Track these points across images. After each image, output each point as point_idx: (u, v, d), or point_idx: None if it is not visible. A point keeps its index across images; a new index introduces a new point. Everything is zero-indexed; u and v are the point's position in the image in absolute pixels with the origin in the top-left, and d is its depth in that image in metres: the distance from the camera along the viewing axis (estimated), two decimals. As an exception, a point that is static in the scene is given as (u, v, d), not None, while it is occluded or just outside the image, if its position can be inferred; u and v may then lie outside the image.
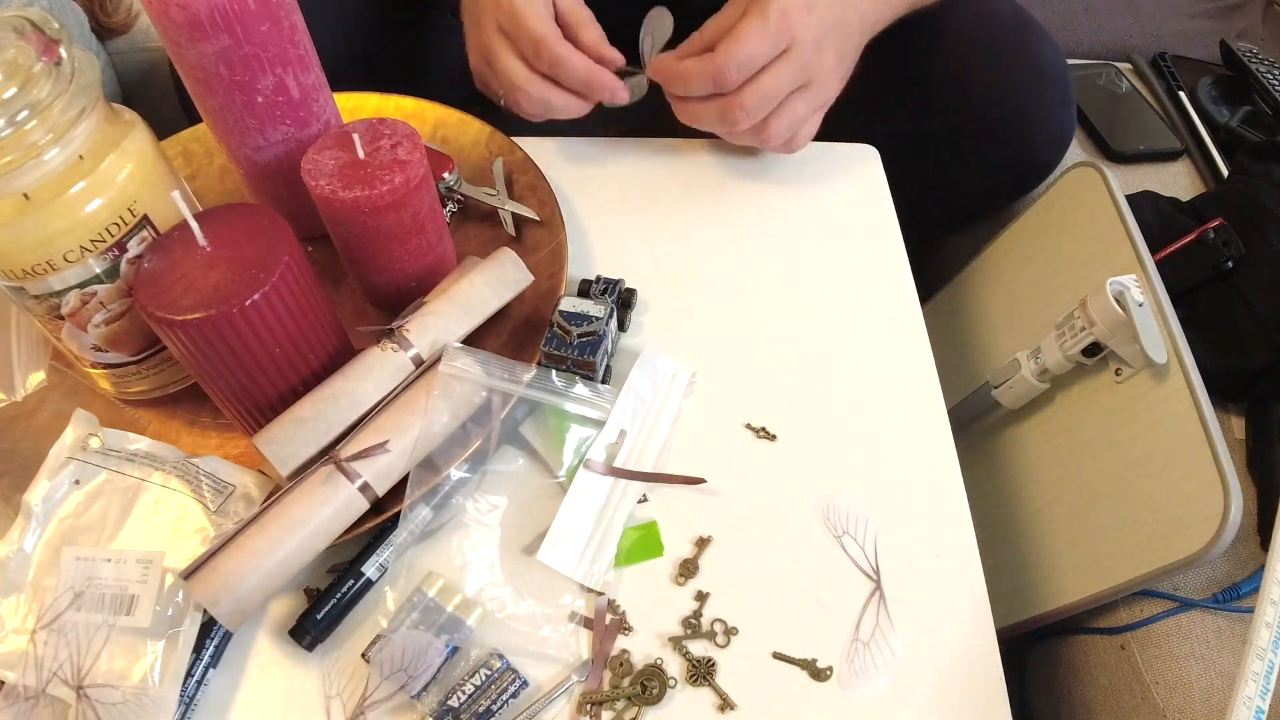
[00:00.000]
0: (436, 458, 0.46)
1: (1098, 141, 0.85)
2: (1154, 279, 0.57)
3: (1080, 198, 0.67)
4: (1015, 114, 0.69)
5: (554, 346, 0.50)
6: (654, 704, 0.43)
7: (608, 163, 0.67)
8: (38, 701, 0.40)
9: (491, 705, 0.42)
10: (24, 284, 0.43)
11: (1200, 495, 0.49)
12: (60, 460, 0.45)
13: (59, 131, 0.39)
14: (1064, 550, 0.59)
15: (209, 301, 0.40)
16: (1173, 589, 0.54)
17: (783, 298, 0.59)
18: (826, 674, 0.44)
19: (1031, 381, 0.63)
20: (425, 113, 0.66)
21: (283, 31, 0.47)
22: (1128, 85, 0.91)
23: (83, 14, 0.78)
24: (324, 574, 0.47)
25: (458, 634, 0.44)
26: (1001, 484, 0.67)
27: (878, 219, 0.64)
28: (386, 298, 0.54)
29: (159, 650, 0.41)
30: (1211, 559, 0.48)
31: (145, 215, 0.44)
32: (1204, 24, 0.99)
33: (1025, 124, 0.70)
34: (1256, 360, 0.58)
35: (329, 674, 0.44)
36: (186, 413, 0.52)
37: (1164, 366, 0.53)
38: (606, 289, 0.55)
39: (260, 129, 0.51)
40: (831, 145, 0.68)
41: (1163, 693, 0.52)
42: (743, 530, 0.49)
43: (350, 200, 0.47)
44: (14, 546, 0.43)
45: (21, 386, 0.52)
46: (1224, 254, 0.61)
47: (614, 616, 0.45)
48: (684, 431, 0.52)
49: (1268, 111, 0.84)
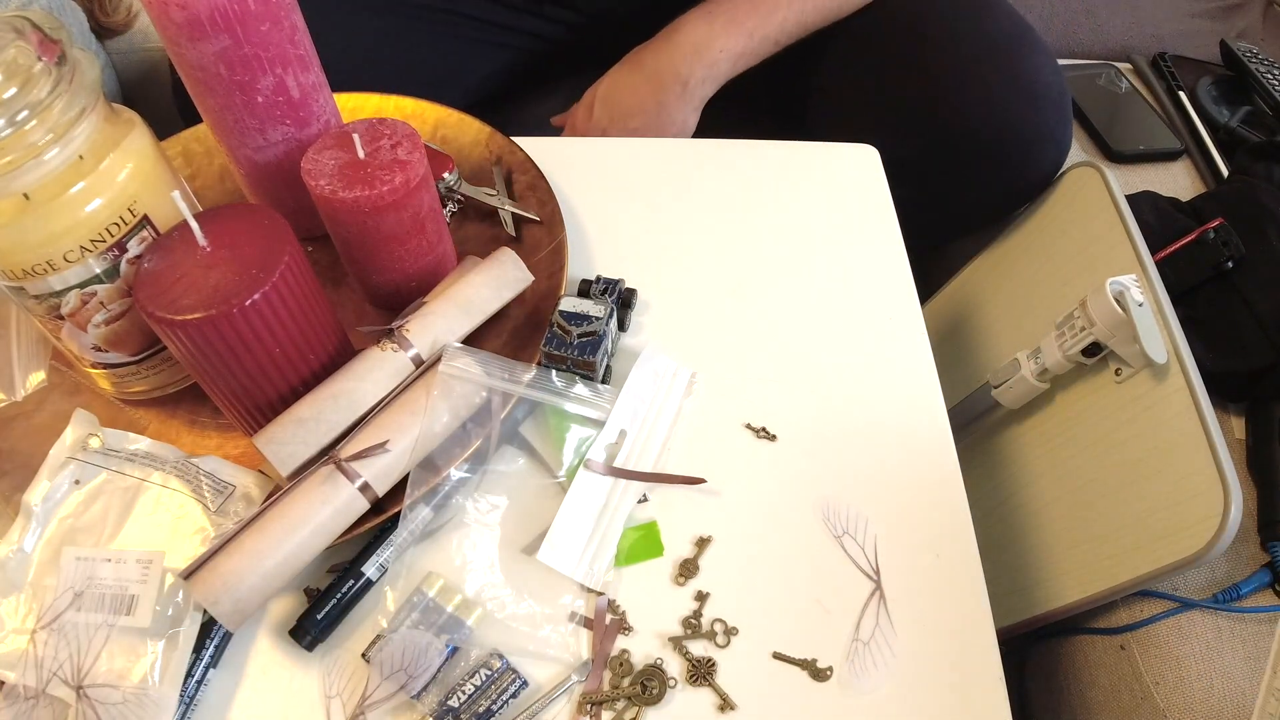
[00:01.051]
0: (436, 458, 0.46)
1: (1098, 141, 0.85)
2: (1154, 279, 0.57)
3: (1080, 198, 0.68)
4: (1011, 133, 0.69)
5: (554, 346, 0.50)
6: (654, 704, 0.43)
7: (608, 163, 0.67)
8: (38, 701, 0.40)
9: (491, 705, 0.42)
10: (24, 284, 0.43)
11: (1200, 495, 0.49)
12: (60, 460, 0.45)
13: (59, 131, 0.39)
14: (1064, 550, 0.59)
15: (209, 301, 0.40)
16: (1173, 589, 0.54)
17: (783, 298, 0.59)
18: (826, 674, 0.44)
19: (1031, 381, 0.63)
20: (425, 113, 0.66)
21: (283, 31, 0.47)
22: (1127, 85, 0.91)
23: (82, 14, 0.78)
24: (324, 574, 0.47)
25: (458, 634, 0.44)
26: (1001, 484, 0.67)
27: (878, 219, 0.64)
28: (386, 298, 0.54)
29: (159, 650, 0.41)
30: (1211, 559, 0.48)
31: (145, 215, 0.44)
32: (1204, 24, 0.99)
33: (1021, 143, 0.70)
34: (1256, 360, 0.58)
35: (329, 674, 0.44)
36: (186, 413, 0.52)
37: (1164, 366, 0.53)
38: (606, 289, 0.55)
39: (260, 129, 0.51)
40: (831, 145, 0.68)
41: (1163, 693, 0.52)
42: (743, 530, 0.49)
43: (350, 200, 0.47)
44: (14, 546, 0.43)
45: (21, 386, 0.52)
46: (1224, 254, 0.61)
47: (614, 616, 0.45)
48: (684, 431, 0.52)
49: (1268, 111, 0.84)
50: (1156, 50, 0.94)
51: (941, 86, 0.70)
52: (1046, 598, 0.58)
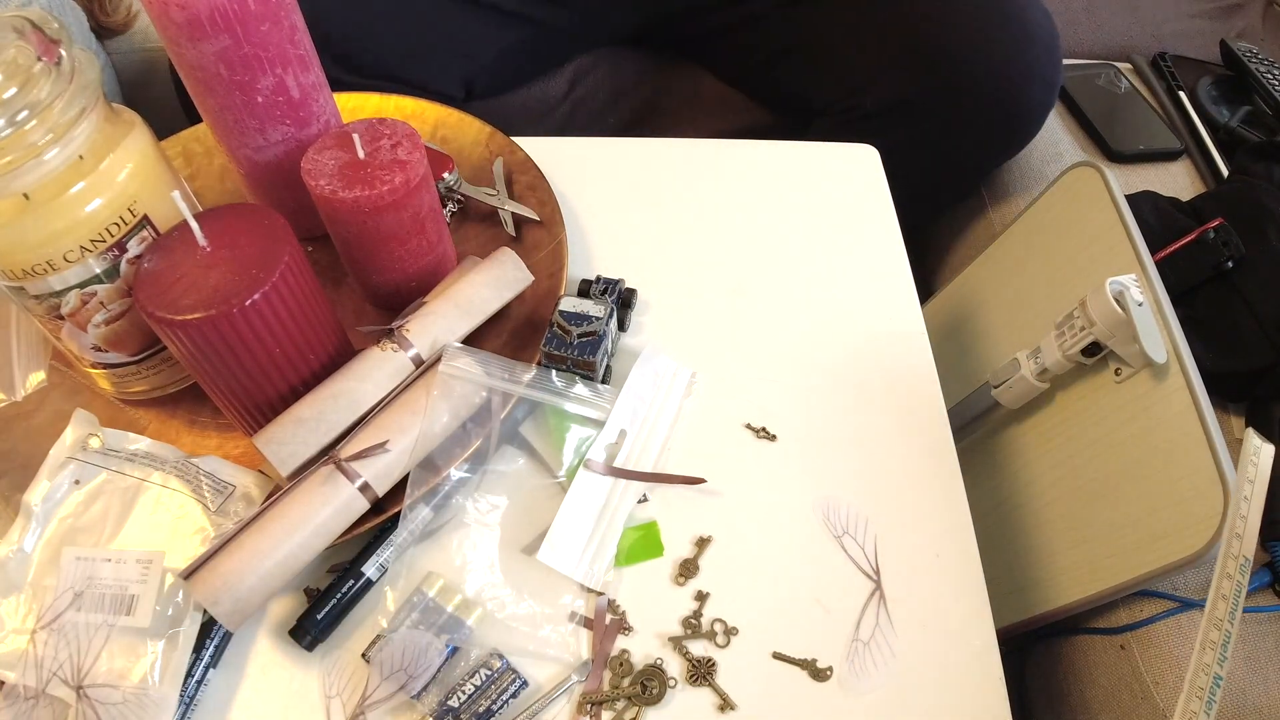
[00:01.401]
0: (436, 458, 0.46)
1: (1098, 141, 0.85)
2: (1154, 279, 0.57)
3: (1080, 198, 0.67)
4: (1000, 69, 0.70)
5: (554, 346, 0.50)
6: (654, 704, 0.43)
7: (608, 163, 0.67)
8: (38, 701, 0.40)
9: (491, 705, 0.42)
10: (24, 284, 0.43)
11: (1200, 495, 0.49)
12: (60, 460, 0.45)
13: (59, 131, 0.39)
14: (1064, 550, 0.59)
15: (209, 301, 0.40)
16: (1173, 589, 0.54)
17: (783, 297, 0.59)
18: (826, 674, 0.44)
19: (1031, 381, 0.63)
20: (425, 113, 0.66)
21: (283, 31, 0.47)
22: (1127, 85, 0.91)
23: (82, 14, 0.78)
24: (324, 574, 0.47)
25: (458, 634, 0.44)
26: (1001, 484, 0.67)
27: (878, 219, 0.64)
28: (386, 298, 0.54)
29: (159, 650, 0.41)
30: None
31: (145, 215, 0.44)
32: (1204, 24, 0.99)
33: (1010, 80, 0.70)
34: (1256, 360, 0.58)
35: (329, 674, 0.44)
36: (186, 413, 0.52)
37: (1164, 366, 0.53)
38: (606, 289, 0.55)
39: (260, 129, 0.51)
40: (832, 145, 0.68)
41: (1163, 693, 0.52)
42: (743, 530, 0.49)
43: (350, 200, 0.47)
44: (14, 546, 0.43)
45: (21, 386, 0.52)
46: (1224, 254, 0.61)
47: (614, 616, 0.45)
48: (684, 431, 0.52)
49: (1268, 111, 0.84)
50: (1156, 50, 0.94)
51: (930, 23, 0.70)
52: (1046, 598, 0.58)
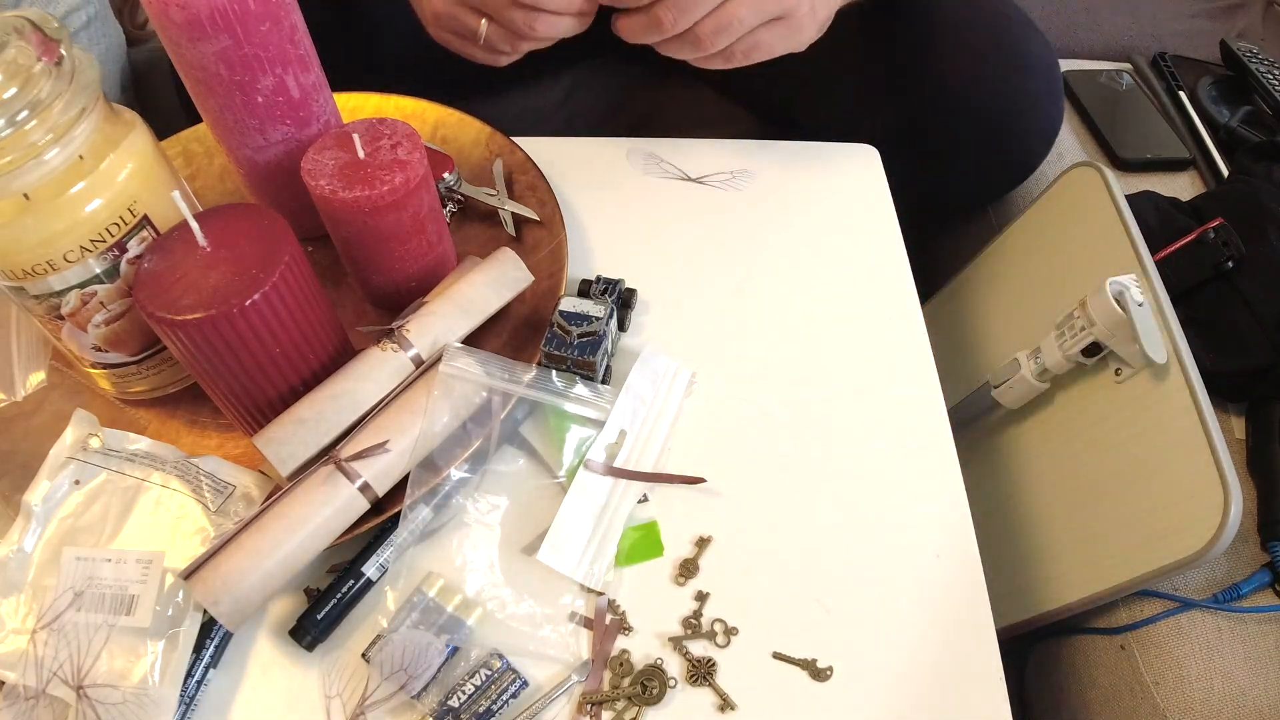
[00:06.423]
0: (437, 458, 0.46)
1: (1105, 150, 0.84)
2: (1154, 279, 0.57)
3: (1080, 198, 0.67)
4: (1001, 104, 0.70)
5: (554, 346, 0.50)
6: (654, 704, 0.43)
7: (608, 163, 0.67)
8: (38, 701, 0.40)
9: (491, 705, 0.42)
10: (24, 284, 0.43)
11: (1200, 495, 0.49)
12: (60, 460, 0.45)
13: (59, 131, 0.39)
14: (1064, 550, 0.59)
15: (209, 301, 0.40)
16: (1173, 589, 0.54)
17: (783, 298, 0.59)
18: (826, 674, 0.44)
19: (1031, 381, 0.63)
20: (425, 113, 0.66)
21: (283, 31, 0.47)
22: (1128, 82, 0.91)
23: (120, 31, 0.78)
24: (324, 574, 0.47)
25: (458, 634, 0.44)
26: (1001, 484, 0.67)
27: (878, 219, 0.64)
28: (386, 298, 0.54)
29: (159, 650, 0.41)
30: (1211, 559, 0.48)
31: (145, 215, 0.44)
32: (1204, 24, 0.99)
33: (1010, 112, 0.70)
34: (1256, 360, 0.58)
35: (329, 674, 0.44)
36: (186, 413, 0.52)
37: (1164, 366, 0.53)
38: (606, 289, 0.55)
39: (260, 129, 0.51)
40: (831, 145, 0.68)
41: (1163, 693, 0.52)
42: (743, 530, 0.49)
43: (350, 200, 0.47)
44: (14, 546, 0.43)
45: (21, 386, 0.52)
46: (1224, 254, 0.61)
47: (614, 616, 0.45)
48: (684, 431, 0.52)
49: (1268, 111, 0.84)
50: (1156, 50, 0.94)
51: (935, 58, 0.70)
52: (1046, 598, 0.58)
